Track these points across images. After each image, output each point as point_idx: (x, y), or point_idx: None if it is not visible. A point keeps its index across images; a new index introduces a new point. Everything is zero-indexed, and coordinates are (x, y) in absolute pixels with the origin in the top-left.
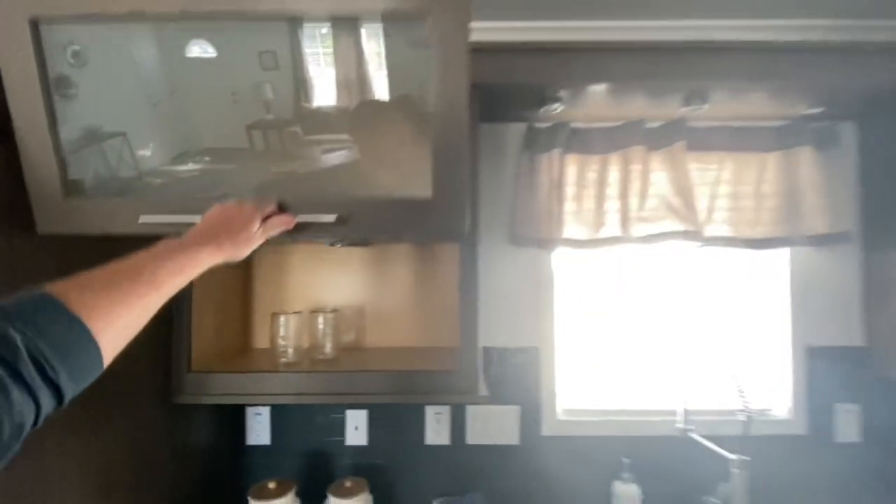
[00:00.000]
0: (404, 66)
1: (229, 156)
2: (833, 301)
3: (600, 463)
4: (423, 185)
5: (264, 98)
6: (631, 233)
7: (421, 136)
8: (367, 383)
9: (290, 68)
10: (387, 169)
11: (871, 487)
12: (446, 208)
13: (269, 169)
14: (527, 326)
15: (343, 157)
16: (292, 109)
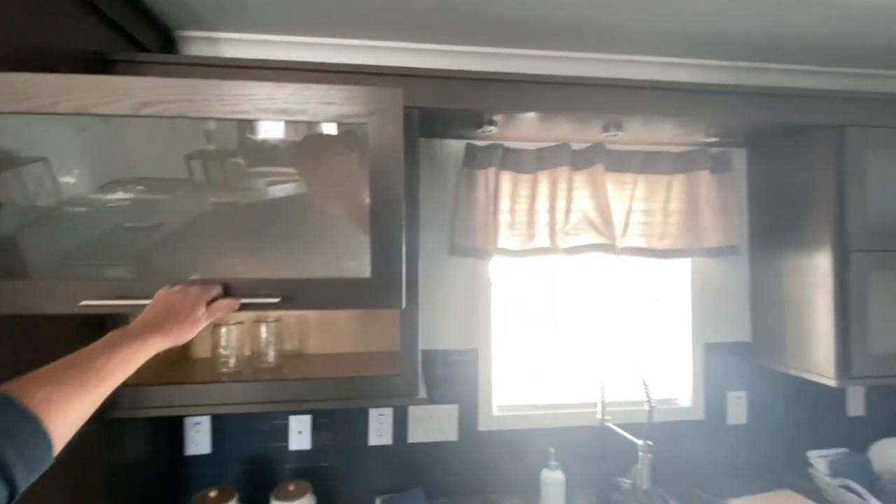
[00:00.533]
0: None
1: (165, 185)
2: (726, 303)
3: (531, 454)
4: (361, 267)
5: (206, 128)
6: (558, 244)
7: (365, 168)
8: (310, 390)
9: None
10: (332, 204)
11: (755, 461)
12: (383, 286)
13: (209, 199)
14: (466, 330)
15: (288, 190)
16: (236, 141)
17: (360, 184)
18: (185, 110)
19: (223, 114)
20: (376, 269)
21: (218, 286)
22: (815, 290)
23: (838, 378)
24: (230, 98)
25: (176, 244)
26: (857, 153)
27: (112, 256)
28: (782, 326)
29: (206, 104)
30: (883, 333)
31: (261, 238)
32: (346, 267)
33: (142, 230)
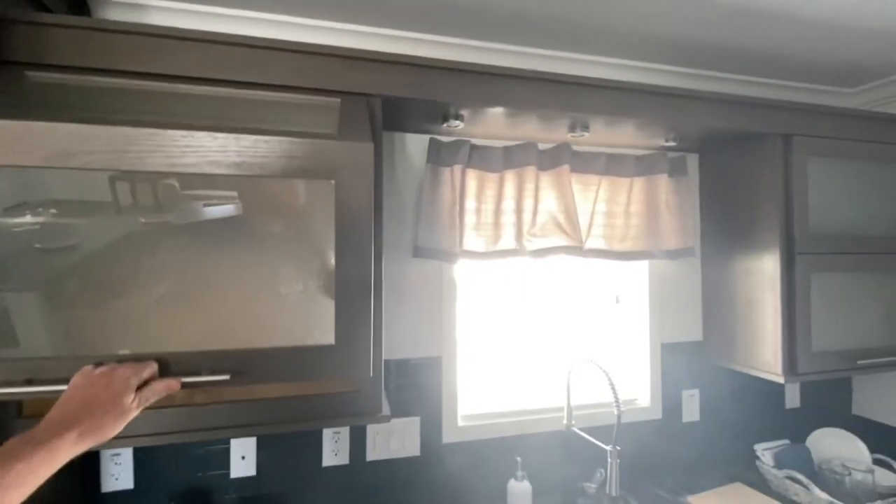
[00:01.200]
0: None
1: (84, 209)
2: (680, 304)
3: (497, 464)
4: (324, 332)
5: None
6: (525, 246)
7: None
8: (255, 413)
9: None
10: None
11: (708, 456)
12: (350, 353)
13: (138, 219)
14: (429, 337)
15: (226, 212)
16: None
17: (325, 240)
18: (115, 162)
19: (164, 167)
20: (341, 335)
21: (152, 364)
22: (763, 292)
23: (785, 375)
24: (172, 149)
25: (97, 287)
26: (801, 161)
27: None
28: (732, 326)
29: (143, 156)
30: (823, 332)
31: (202, 294)
32: (306, 333)
33: (51, 253)
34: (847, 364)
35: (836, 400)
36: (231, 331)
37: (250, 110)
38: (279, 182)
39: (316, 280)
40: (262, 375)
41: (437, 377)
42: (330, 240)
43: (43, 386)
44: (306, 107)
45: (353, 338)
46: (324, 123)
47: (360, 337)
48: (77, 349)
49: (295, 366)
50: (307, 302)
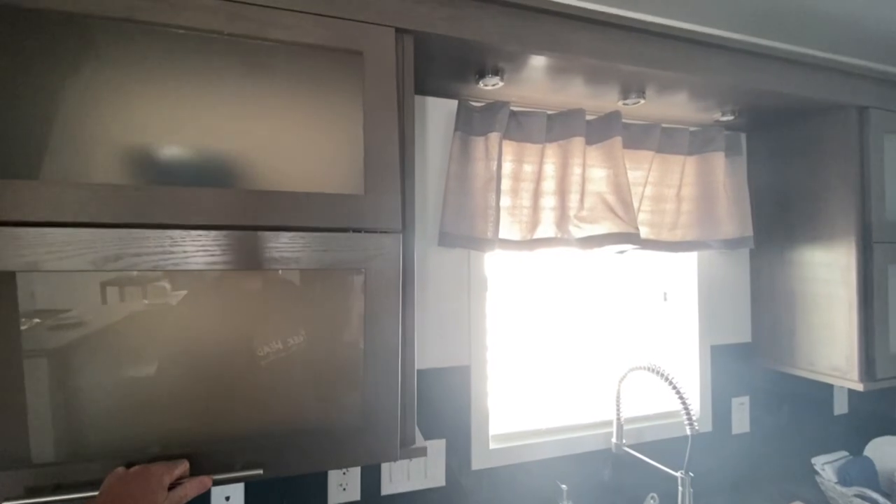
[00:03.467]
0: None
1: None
2: (729, 301)
3: (536, 492)
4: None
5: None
6: (571, 233)
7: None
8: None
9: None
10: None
11: (760, 471)
12: (378, 434)
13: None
14: (456, 343)
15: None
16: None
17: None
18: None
19: (202, 265)
20: (368, 416)
21: (184, 462)
22: (832, 286)
23: (863, 380)
24: (210, 247)
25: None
26: (878, 138)
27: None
28: (790, 326)
29: (183, 255)
30: None
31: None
32: (333, 416)
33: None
34: None
35: (882, 405)
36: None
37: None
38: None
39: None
40: (290, 465)
41: (466, 391)
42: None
43: (71, 493)
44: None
45: (381, 418)
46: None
47: (387, 416)
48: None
49: (325, 451)
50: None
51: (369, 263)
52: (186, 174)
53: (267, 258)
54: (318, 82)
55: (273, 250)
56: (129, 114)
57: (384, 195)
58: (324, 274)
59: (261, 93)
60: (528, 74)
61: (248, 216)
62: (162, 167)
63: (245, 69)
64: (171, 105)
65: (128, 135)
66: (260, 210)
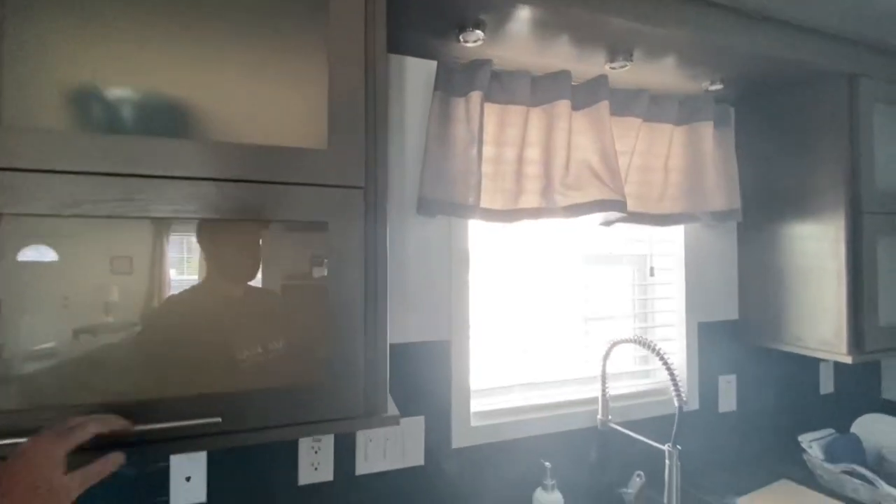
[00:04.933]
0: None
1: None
2: (716, 278)
3: (519, 470)
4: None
5: (106, 300)
6: (555, 202)
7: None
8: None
9: (146, 273)
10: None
11: (747, 449)
12: (342, 392)
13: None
14: (435, 317)
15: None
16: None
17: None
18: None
19: (161, 214)
20: (331, 375)
21: (93, 422)
22: (821, 259)
23: (851, 353)
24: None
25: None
26: (868, 107)
27: None
28: (779, 301)
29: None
30: (889, 304)
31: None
32: (296, 375)
33: None
34: None
35: (867, 385)
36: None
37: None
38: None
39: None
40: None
41: (446, 366)
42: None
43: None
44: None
45: (345, 374)
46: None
47: (352, 373)
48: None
49: (284, 409)
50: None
51: (332, 218)
52: (144, 123)
53: (226, 209)
54: (282, 29)
55: (233, 201)
56: (80, 58)
57: (348, 150)
58: (286, 229)
59: (222, 39)
60: (512, 30)
61: (206, 167)
62: (119, 115)
63: (204, 14)
64: (127, 51)
65: (81, 80)
66: (220, 161)
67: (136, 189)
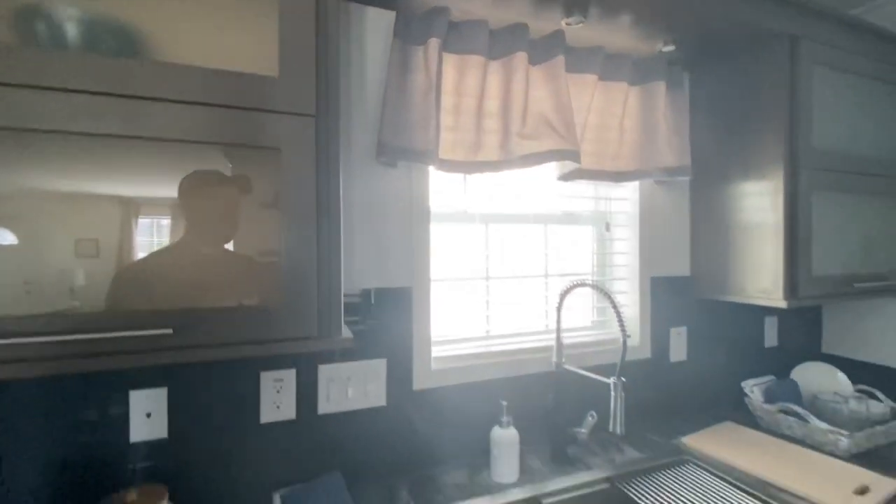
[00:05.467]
0: None
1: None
2: (669, 236)
3: (477, 411)
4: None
5: (71, 285)
6: (512, 151)
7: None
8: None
9: (113, 255)
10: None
11: (696, 396)
12: (295, 315)
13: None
14: (396, 263)
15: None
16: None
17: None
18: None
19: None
20: (286, 296)
21: None
22: (762, 213)
23: (787, 299)
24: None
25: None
26: (808, 68)
27: None
28: (725, 255)
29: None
30: (822, 255)
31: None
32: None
33: None
34: (845, 288)
35: (808, 339)
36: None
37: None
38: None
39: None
40: (201, 335)
41: (407, 313)
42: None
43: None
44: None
45: (299, 298)
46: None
47: (305, 296)
48: None
49: (235, 328)
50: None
51: (284, 145)
52: (93, 43)
53: (176, 130)
54: None
55: (184, 122)
56: None
57: (299, 79)
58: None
59: None
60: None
61: (155, 88)
62: (66, 34)
63: None
64: None
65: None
66: (169, 82)
67: (82, 106)
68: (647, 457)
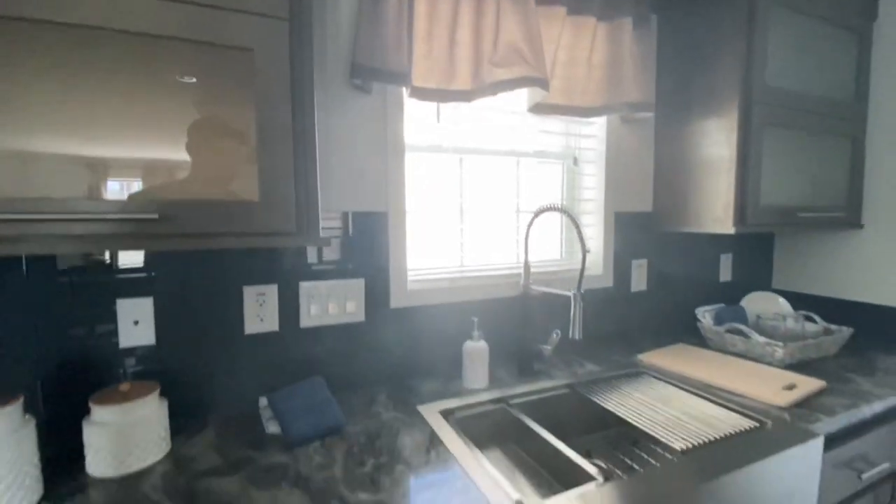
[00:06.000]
0: None
1: None
2: (634, 174)
3: (450, 329)
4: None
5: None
6: (484, 79)
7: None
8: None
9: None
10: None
11: (653, 322)
12: (274, 210)
13: None
14: (372, 188)
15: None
16: None
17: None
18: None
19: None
20: (265, 192)
21: None
22: (718, 148)
23: (735, 225)
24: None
25: None
26: (766, 8)
27: None
28: (686, 189)
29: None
30: (772, 186)
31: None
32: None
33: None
34: (789, 218)
35: (760, 275)
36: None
37: None
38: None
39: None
40: (186, 223)
41: (383, 235)
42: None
43: None
44: None
45: (278, 194)
46: None
47: (284, 193)
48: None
49: (218, 219)
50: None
51: (257, 45)
52: None
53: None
54: None
55: (159, 17)
56: None
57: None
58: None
59: None
60: None
61: None
62: None
63: None
64: None
65: None
66: None
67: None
68: (605, 369)
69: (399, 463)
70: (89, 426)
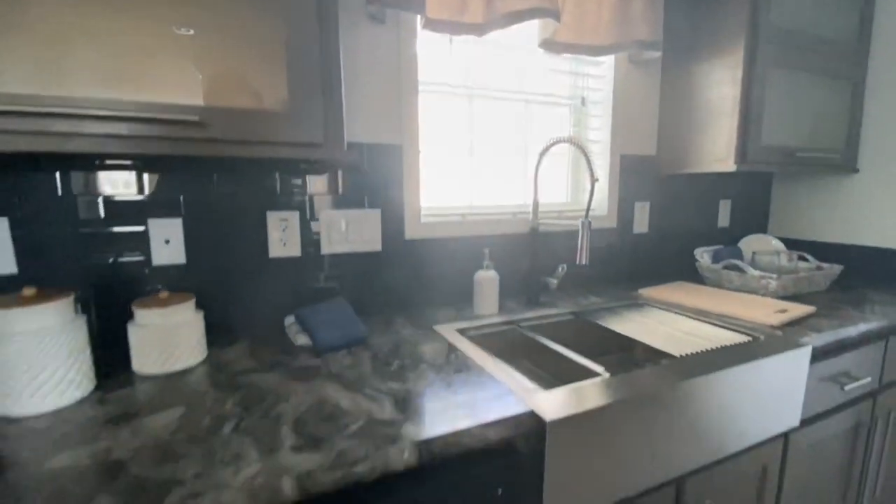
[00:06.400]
0: None
1: None
2: (639, 117)
3: (463, 259)
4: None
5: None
6: (496, 10)
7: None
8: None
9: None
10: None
11: (654, 262)
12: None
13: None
14: (387, 121)
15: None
16: None
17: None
18: None
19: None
20: (294, 105)
21: None
22: (723, 87)
23: (737, 163)
24: None
25: None
26: None
27: None
28: (689, 131)
29: None
30: (773, 127)
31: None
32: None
33: None
34: (789, 158)
35: (757, 220)
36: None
37: None
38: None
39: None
40: (229, 129)
41: (398, 168)
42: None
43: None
44: None
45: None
46: None
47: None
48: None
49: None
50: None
51: None
52: None
53: None
54: None
55: None
56: None
57: None
58: None
59: None
60: None
61: None
62: None
63: None
64: None
65: None
66: None
67: None
68: (608, 300)
69: (422, 363)
70: (134, 328)
